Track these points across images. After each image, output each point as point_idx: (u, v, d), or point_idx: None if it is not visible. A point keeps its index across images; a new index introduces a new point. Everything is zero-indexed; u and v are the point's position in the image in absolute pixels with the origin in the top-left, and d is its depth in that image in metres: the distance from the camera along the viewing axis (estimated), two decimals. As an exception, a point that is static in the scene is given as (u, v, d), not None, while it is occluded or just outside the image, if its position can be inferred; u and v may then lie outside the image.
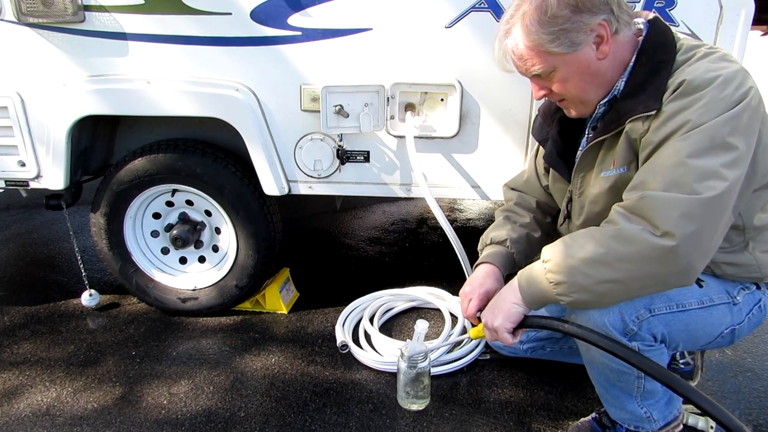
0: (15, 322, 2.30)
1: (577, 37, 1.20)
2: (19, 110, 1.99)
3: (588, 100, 1.32)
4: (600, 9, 1.18)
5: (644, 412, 1.44)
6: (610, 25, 1.20)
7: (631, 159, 1.26)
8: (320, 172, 2.01)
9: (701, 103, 1.12)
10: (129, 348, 2.11)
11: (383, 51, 1.84)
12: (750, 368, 1.94)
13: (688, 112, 1.13)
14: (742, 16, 1.67)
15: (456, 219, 3.49)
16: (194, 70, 1.91)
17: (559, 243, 1.25)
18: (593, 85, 1.28)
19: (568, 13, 1.18)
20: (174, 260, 2.32)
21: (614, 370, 1.38)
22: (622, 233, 1.15)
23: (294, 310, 2.36)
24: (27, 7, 1.84)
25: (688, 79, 1.14)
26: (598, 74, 1.26)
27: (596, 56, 1.23)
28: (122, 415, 1.74)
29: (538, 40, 1.22)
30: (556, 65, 1.25)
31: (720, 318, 1.35)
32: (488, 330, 1.39)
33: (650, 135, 1.18)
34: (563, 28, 1.19)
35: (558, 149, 1.48)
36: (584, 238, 1.21)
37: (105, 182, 2.14)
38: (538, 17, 1.20)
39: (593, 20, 1.19)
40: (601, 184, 1.34)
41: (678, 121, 1.14)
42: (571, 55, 1.23)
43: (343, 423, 1.70)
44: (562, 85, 1.29)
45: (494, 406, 1.76)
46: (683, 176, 1.10)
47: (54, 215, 3.53)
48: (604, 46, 1.22)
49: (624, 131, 1.25)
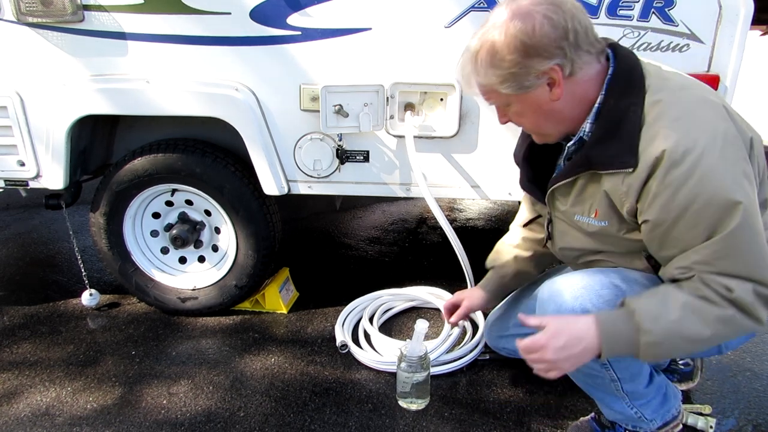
0: (14, 322, 2.30)
1: (527, 80, 1.18)
2: (19, 110, 1.99)
3: (547, 133, 1.31)
4: (552, 54, 1.14)
5: (635, 412, 1.44)
6: (564, 68, 1.16)
7: (611, 215, 1.25)
8: (320, 172, 2.01)
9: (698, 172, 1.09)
10: (129, 348, 2.11)
11: (383, 51, 1.84)
12: (749, 368, 1.94)
13: (690, 186, 1.10)
14: (741, 15, 1.67)
15: (456, 219, 3.48)
16: (194, 70, 1.91)
17: (664, 315, 1.16)
18: (551, 122, 1.27)
19: (517, 57, 1.15)
20: (173, 260, 2.32)
21: (587, 374, 1.38)
22: (731, 320, 1.14)
23: (294, 310, 2.36)
24: (26, 7, 1.84)
25: (668, 149, 1.10)
26: (553, 113, 1.24)
27: (550, 98, 1.21)
28: (122, 415, 1.74)
29: (489, 80, 1.21)
30: (510, 102, 1.25)
31: None
32: (542, 359, 1.23)
33: (650, 204, 1.15)
34: (512, 72, 1.17)
35: (528, 175, 1.47)
36: (689, 313, 1.15)
37: (104, 182, 2.14)
38: (489, 60, 1.18)
39: (544, 65, 1.15)
40: (580, 226, 1.34)
41: (681, 199, 1.11)
42: (522, 96, 1.21)
43: (342, 423, 1.70)
44: (518, 118, 1.29)
45: (494, 406, 1.77)
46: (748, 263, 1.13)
47: (53, 215, 3.53)
48: (557, 89, 1.19)
49: (601, 188, 1.23)
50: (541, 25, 1.12)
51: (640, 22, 1.72)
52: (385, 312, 2.26)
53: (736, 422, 1.69)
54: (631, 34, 1.73)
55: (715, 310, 1.13)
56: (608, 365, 1.34)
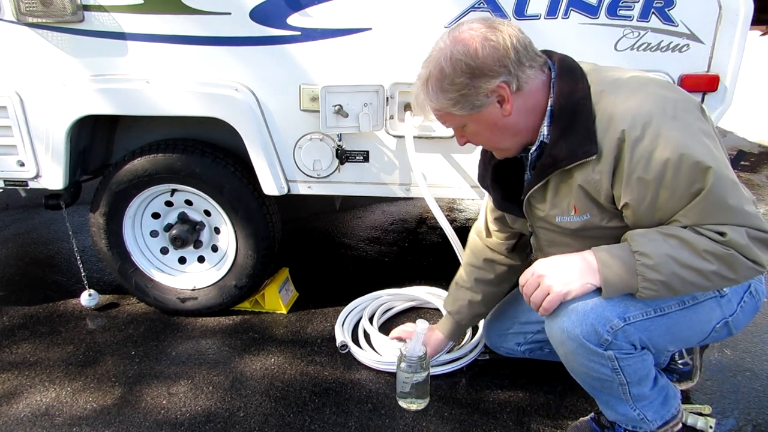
0: (14, 323, 2.30)
1: (477, 100, 1.23)
2: (18, 110, 1.99)
3: (506, 148, 1.35)
4: (497, 72, 1.20)
5: (637, 414, 1.44)
6: (510, 85, 1.22)
7: (591, 206, 1.28)
8: (319, 172, 2.01)
9: (659, 134, 1.14)
10: (128, 348, 2.11)
11: (382, 51, 1.84)
12: (749, 368, 1.94)
13: (658, 149, 1.14)
14: (741, 15, 1.67)
15: (456, 219, 3.48)
16: (193, 70, 1.91)
17: (659, 241, 1.19)
18: (507, 136, 1.31)
19: (464, 80, 1.21)
20: (173, 260, 2.32)
21: (596, 378, 1.38)
22: (730, 258, 1.16)
23: (293, 310, 2.36)
24: (26, 7, 1.84)
25: (627, 128, 1.15)
26: (508, 127, 1.29)
27: (502, 113, 1.26)
28: (121, 415, 1.74)
29: (442, 104, 1.27)
30: (465, 122, 1.31)
31: (708, 314, 1.34)
32: (544, 291, 1.29)
33: (626, 184, 1.19)
34: (462, 94, 1.23)
35: (501, 195, 1.49)
36: (687, 240, 1.17)
37: (104, 182, 2.14)
38: (439, 84, 1.24)
39: (491, 84, 1.21)
40: (563, 226, 1.35)
41: (656, 164, 1.15)
42: (476, 115, 1.27)
43: (342, 423, 1.70)
44: (476, 137, 1.35)
45: (493, 406, 1.77)
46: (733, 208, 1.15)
47: (53, 215, 3.52)
48: (507, 105, 1.24)
49: (575, 183, 1.25)
50: (482, 47, 1.19)
51: (640, 22, 1.72)
52: (385, 312, 2.26)
53: (736, 422, 1.69)
54: (631, 34, 1.73)
55: (711, 243, 1.16)
56: (619, 369, 1.34)
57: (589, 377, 1.40)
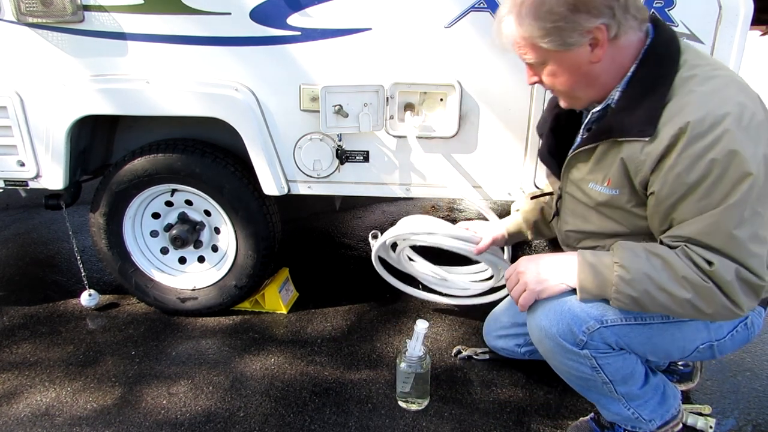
0: (14, 323, 2.30)
1: (571, 37, 1.15)
2: (19, 110, 1.99)
3: (577, 97, 1.29)
4: (601, 12, 1.12)
5: (632, 413, 1.44)
6: (609, 29, 1.14)
7: (624, 183, 1.25)
8: (319, 172, 2.01)
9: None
10: (128, 348, 2.11)
11: (382, 51, 1.84)
12: (749, 368, 1.94)
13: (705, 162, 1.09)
14: (741, 15, 1.67)
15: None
16: (193, 70, 1.91)
17: (642, 258, 1.19)
18: (583, 85, 1.25)
19: (564, 11, 1.12)
20: (173, 260, 2.32)
21: (579, 377, 1.38)
22: (708, 292, 1.13)
23: (293, 310, 2.36)
24: (26, 7, 1.84)
25: (693, 121, 1.10)
26: (589, 76, 1.22)
27: (590, 59, 1.19)
28: (121, 415, 1.74)
29: (531, 32, 1.18)
30: (547, 59, 1.22)
31: (693, 334, 1.32)
32: (522, 287, 1.34)
33: (663, 176, 1.15)
34: (557, 26, 1.14)
35: (549, 146, 1.47)
36: (669, 270, 1.16)
37: (104, 182, 2.14)
38: (534, 10, 1.15)
39: (591, 23, 1.13)
40: (591, 195, 1.33)
41: (698, 171, 1.11)
42: (562, 53, 1.19)
43: (342, 423, 1.70)
44: (551, 78, 1.26)
45: (494, 406, 1.77)
46: (741, 249, 1.11)
47: (53, 215, 3.52)
48: (599, 50, 1.17)
49: (619, 155, 1.22)
50: None
51: (640, 22, 1.71)
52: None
53: (736, 422, 1.69)
54: (631, 34, 1.73)
55: (692, 271, 1.13)
56: (598, 368, 1.34)
57: (573, 376, 1.40)
